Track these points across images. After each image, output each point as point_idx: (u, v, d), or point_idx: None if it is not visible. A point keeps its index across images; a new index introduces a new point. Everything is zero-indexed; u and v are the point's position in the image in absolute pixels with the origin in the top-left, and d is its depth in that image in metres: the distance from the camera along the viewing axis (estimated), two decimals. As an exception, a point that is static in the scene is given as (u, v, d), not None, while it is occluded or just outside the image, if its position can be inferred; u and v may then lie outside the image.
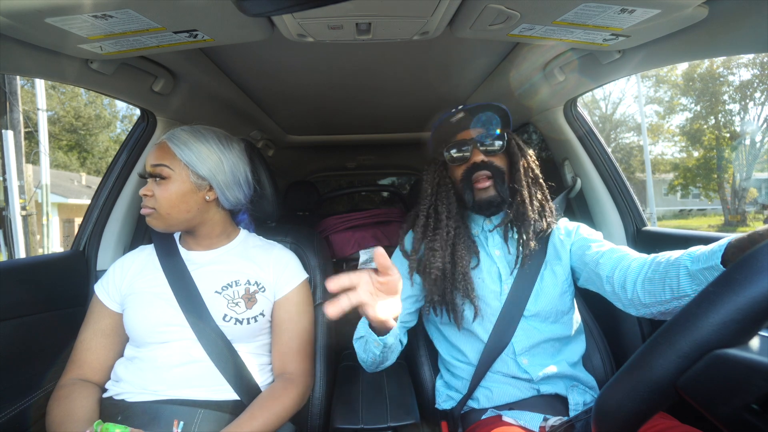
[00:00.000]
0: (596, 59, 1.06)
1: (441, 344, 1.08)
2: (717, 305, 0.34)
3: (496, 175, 0.99)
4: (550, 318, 0.98)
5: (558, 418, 0.88)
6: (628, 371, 0.38)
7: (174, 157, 0.93)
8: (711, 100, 17.47)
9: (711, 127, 17.92)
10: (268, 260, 1.02)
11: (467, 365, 1.00)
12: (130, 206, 1.30)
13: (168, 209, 0.93)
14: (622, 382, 0.37)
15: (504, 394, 0.95)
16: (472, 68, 1.34)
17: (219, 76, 1.32)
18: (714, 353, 0.33)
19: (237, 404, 0.88)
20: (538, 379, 0.94)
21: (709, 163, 17.97)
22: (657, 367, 0.35)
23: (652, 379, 0.35)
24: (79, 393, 0.87)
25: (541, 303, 0.97)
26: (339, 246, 1.91)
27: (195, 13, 0.77)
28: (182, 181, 0.94)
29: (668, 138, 21.08)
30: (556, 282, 1.00)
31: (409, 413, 0.93)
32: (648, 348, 0.37)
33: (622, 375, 0.38)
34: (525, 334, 0.97)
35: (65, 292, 1.12)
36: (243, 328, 0.93)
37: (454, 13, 0.83)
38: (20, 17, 0.72)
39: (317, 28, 0.87)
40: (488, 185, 0.98)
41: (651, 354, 0.36)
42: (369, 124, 2.07)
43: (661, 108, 20.34)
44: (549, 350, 0.98)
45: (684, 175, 18.86)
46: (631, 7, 0.75)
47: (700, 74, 17.50)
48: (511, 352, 0.96)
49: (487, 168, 0.99)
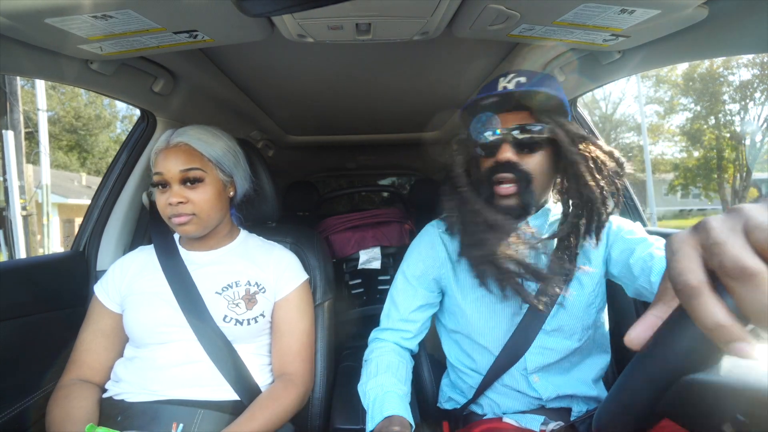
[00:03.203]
0: (596, 59, 1.06)
1: (451, 349, 1.02)
2: (680, 332, 0.33)
3: (522, 181, 0.81)
4: (576, 334, 0.88)
5: (558, 423, 0.86)
6: (616, 393, 0.38)
7: (202, 158, 0.93)
8: (711, 100, 17.46)
9: (711, 127, 17.90)
10: (269, 261, 1.01)
11: (475, 373, 0.94)
12: (130, 207, 1.29)
13: (209, 212, 0.93)
14: (612, 403, 0.37)
15: (508, 407, 0.91)
16: (471, 69, 1.33)
17: (219, 77, 1.32)
18: (683, 380, 0.33)
19: (237, 405, 0.88)
20: (548, 399, 0.88)
21: (710, 163, 17.92)
22: (637, 392, 0.35)
23: (635, 404, 0.35)
24: (78, 393, 0.86)
25: (564, 318, 0.86)
26: (339, 246, 1.90)
27: (195, 13, 0.77)
28: (216, 181, 0.94)
29: (668, 138, 21.07)
30: (582, 294, 0.87)
31: (410, 414, 0.92)
32: (627, 372, 0.37)
33: (611, 396, 0.38)
34: (540, 351, 0.87)
35: (65, 293, 1.12)
36: (243, 328, 0.92)
37: (454, 14, 0.83)
38: (20, 17, 0.72)
39: (317, 28, 0.86)
40: (510, 192, 0.81)
41: (630, 378, 0.36)
42: (369, 124, 2.07)
43: (662, 108, 20.34)
44: (566, 366, 0.89)
45: (684, 175, 18.80)
46: (631, 8, 0.75)
47: (700, 74, 17.49)
48: (522, 369, 0.88)
49: (512, 170, 0.80)
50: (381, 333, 0.99)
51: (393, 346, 0.96)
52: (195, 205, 0.91)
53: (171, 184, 0.91)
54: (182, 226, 0.91)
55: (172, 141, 0.93)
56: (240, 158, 1.01)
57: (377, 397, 0.82)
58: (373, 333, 1.01)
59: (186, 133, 0.94)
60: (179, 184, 0.91)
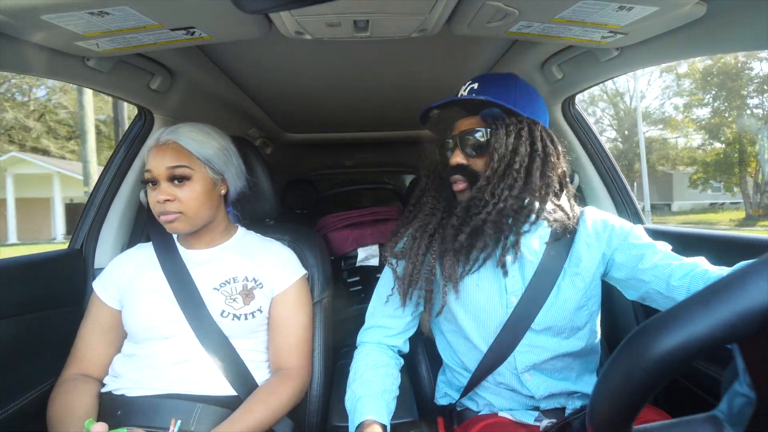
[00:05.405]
0: (594, 57, 1.06)
1: (444, 348, 1.02)
2: None
3: (471, 181, 0.88)
4: (564, 333, 0.88)
5: (550, 421, 0.87)
6: (603, 382, 0.37)
7: (191, 155, 0.93)
8: (731, 94, 17.31)
9: (733, 119, 17.78)
10: (266, 257, 1.02)
11: (466, 371, 0.94)
12: (127, 204, 1.29)
13: (196, 209, 0.93)
14: (601, 393, 0.37)
15: (502, 406, 0.91)
16: (470, 66, 1.33)
17: (216, 74, 1.31)
18: None
19: (235, 400, 0.88)
20: (541, 398, 0.88)
21: (729, 157, 17.81)
22: (626, 379, 0.35)
23: (625, 392, 0.35)
24: (79, 389, 0.87)
25: (554, 317, 0.87)
26: (337, 244, 1.91)
27: (192, 10, 0.76)
28: (204, 179, 0.94)
29: (688, 133, 20.93)
30: (575, 294, 0.88)
31: (408, 411, 0.93)
32: (612, 361, 0.37)
33: (598, 388, 0.38)
34: (530, 350, 0.87)
35: (62, 291, 1.12)
36: (241, 323, 0.93)
37: (452, 11, 0.83)
38: (16, 14, 0.71)
39: (315, 25, 0.86)
40: (461, 189, 0.89)
41: (616, 366, 0.36)
42: (367, 121, 2.07)
43: (683, 99, 20.22)
44: (558, 365, 0.89)
45: (705, 169, 18.72)
46: (629, 5, 0.75)
47: (719, 69, 17.34)
48: (512, 367, 0.88)
49: (461, 172, 0.88)
50: (365, 334, 0.99)
51: (373, 347, 0.95)
52: (182, 203, 0.91)
53: (159, 182, 0.91)
54: (170, 224, 0.92)
55: (162, 139, 0.94)
56: (232, 156, 1.01)
57: (352, 407, 0.84)
58: (359, 335, 1.00)
59: (176, 131, 0.94)
60: (167, 181, 0.91)
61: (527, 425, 0.87)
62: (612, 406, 0.35)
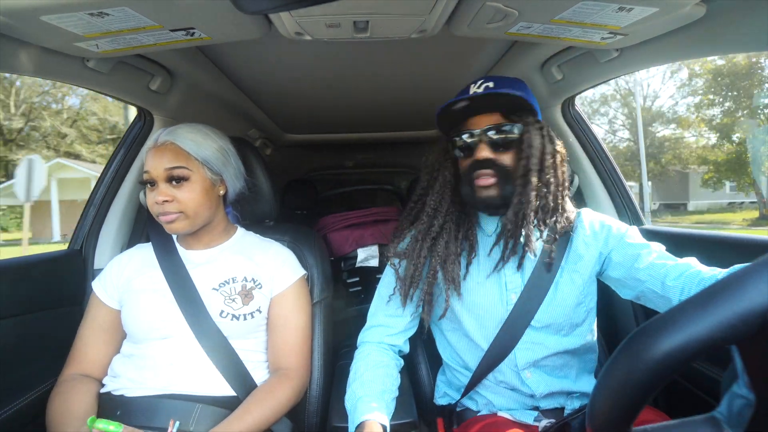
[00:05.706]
0: (594, 58, 1.06)
1: (444, 348, 1.02)
2: None
3: (501, 175, 0.86)
4: (563, 330, 0.90)
5: (549, 421, 0.87)
6: (604, 383, 0.37)
7: (188, 156, 0.93)
8: (742, 94, 17.22)
9: (745, 117, 17.71)
10: (266, 257, 1.02)
11: (467, 370, 0.95)
12: (127, 205, 1.29)
13: (195, 210, 0.93)
14: (601, 394, 0.37)
15: (502, 405, 0.92)
16: (470, 66, 1.33)
17: (216, 75, 1.31)
18: None
19: (234, 400, 0.88)
20: (541, 396, 0.89)
21: (741, 157, 17.75)
22: (626, 380, 0.35)
23: (625, 393, 0.35)
24: (78, 389, 0.87)
25: (554, 314, 0.88)
26: (337, 244, 1.90)
27: (192, 11, 0.76)
28: (202, 180, 0.94)
29: (700, 133, 20.84)
30: (573, 291, 0.89)
31: (408, 412, 0.92)
32: (612, 362, 0.37)
33: (598, 388, 0.38)
34: (530, 347, 0.89)
35: (62, 291, 1.12)
36: (239, 324, 0.93)
37: (452, 11, 0.83)
38: (15, 14, 0.71)
39: (315, 26, 0.86)
40: (490, 183, 0.86)
41: (616, 367, 0.36)
42: (367, 122, 2.07)
43: (695, 99, 20.16)
44: (558, 363, 0.90)
45: (717, 169, 18.62)
46: (628, 6, 0.75)
47: (729, 69, 17.28)
48: (512, 365, 0.90)
49: (490, 166, 0.86)
50: (366, 334, 0.99)
51: (373, 347, 0.95)
52: (181, 203, 0.91)
53: (158, 183, 0.92)
54: (170, 224, 0.92)
55: (160, 140, 0.94)
56: (230, 157, 1.01)
57: (351, 407, 0.84)
58: (360, 335, 1.00)
59: (174, 132, 0.94)
60: (165, 182, 0.91)
61: (527, 425, 0.87)
62: (612, 407, 0.35)
